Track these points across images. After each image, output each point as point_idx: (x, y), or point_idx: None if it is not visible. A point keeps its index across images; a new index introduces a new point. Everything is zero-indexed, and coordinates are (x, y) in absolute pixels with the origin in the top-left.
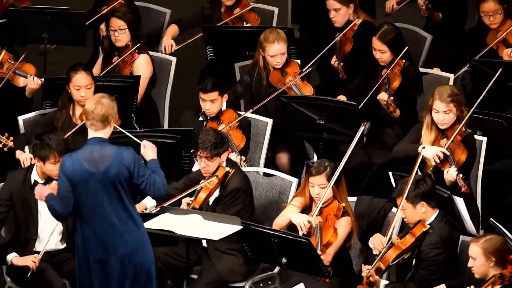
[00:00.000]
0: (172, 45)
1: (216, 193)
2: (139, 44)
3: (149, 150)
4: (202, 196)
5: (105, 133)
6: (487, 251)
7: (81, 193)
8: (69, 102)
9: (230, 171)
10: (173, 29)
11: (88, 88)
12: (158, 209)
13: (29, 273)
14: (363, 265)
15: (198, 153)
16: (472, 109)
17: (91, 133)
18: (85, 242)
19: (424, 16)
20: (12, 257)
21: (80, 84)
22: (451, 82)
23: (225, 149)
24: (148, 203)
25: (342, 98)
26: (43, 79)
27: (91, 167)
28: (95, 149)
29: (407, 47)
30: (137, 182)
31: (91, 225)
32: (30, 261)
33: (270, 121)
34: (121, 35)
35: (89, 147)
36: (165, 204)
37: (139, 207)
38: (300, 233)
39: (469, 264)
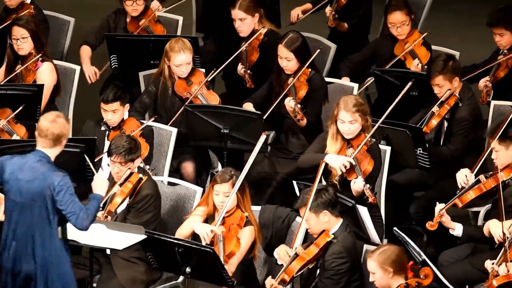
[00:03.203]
0: (95, 72)
1: (126, 201)
2: (42, 52)
3: (99, 184)
4: (118, 200)
5: (53, 152)
6: (383, 264)
7: (8, 192)
8: None
9: (143, 177)
10: (87, 52)
11: None
12: None
13: None
14: (270, 277)
15: (112, 158)
16: (380, 120)
17: (38, 146)
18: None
19: (331, 26)
20: None
21: None
22: (355, 92)
23: (138, 155)
24: None
25: (248, 105)
26: None
27: (20, 173)
28: (30, 160)
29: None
30: (60, 207)
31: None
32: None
33: (174, 130)
34: (23, 43)
35: (29, 157)
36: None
37: None
38: (203, 243)
39: (370, 279)
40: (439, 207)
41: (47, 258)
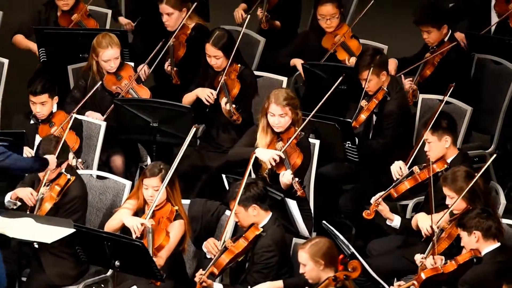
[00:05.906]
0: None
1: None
2: None
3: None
4: (47, 206)
5: None
6: (315, 256)
7: None
8: None
9: (71, 178)
10: (23, 38)
11: None
12: None
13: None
14: (201, 270)
15: None
16: (311, 114)
17: None
18: None
19: (265, 29)
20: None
21: None
22: (284, 85)
23: (66, 158)
24: None
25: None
26: None
27: None
28: None
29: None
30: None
31: None
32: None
33: (103, 124)
34: None
35: None
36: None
37: None
38: (134, 236)
39: (300, 271)
40: (375, 196)
41: None
